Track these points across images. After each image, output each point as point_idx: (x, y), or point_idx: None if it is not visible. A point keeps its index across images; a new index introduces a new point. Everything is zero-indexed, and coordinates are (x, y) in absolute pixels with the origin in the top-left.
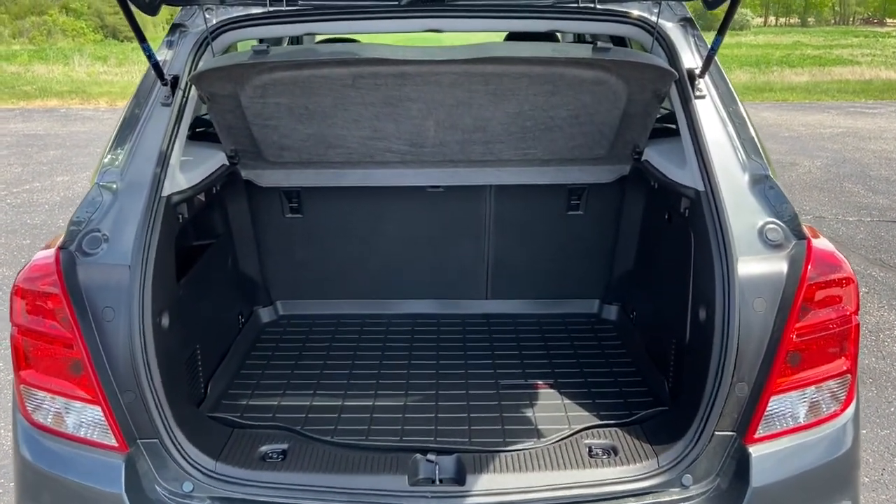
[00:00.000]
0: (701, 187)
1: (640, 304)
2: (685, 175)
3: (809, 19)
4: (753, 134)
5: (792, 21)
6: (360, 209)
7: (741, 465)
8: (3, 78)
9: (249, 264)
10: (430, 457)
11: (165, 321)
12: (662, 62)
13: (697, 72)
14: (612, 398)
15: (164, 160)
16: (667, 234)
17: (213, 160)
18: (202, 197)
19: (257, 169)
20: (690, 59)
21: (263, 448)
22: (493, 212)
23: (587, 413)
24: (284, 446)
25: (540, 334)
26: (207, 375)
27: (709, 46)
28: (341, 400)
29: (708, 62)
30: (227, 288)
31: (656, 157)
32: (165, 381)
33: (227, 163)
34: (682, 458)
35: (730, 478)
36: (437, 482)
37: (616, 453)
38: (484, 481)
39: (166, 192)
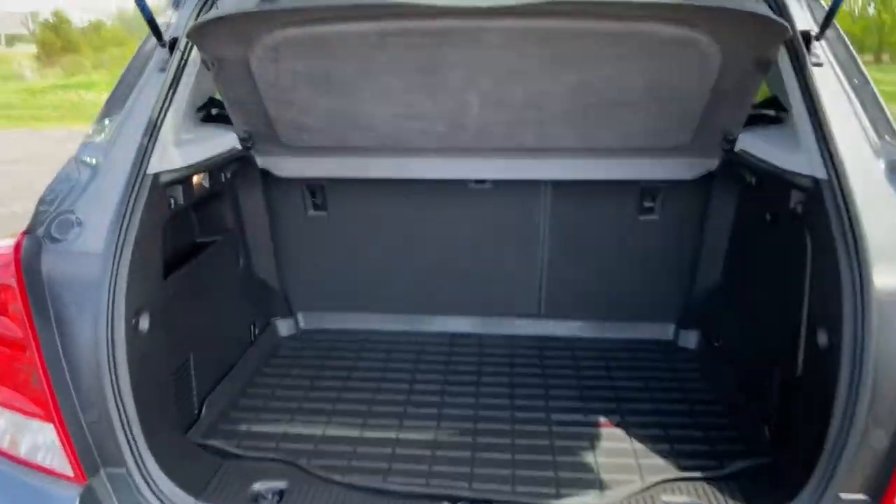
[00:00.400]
0: (822, 174)
1: (728, 329)
2: (799, 161)
3: (884, 56)
4: (885, 111)
5: (866, 59)
6: (393, 208)
7: None
8: (82, 104)
9: (265, 268)
10: None
11: (144, 324)
12: (770, 13)
13: (814, 33)
14: (695, 444)
15: (152, 131)
16: (769, 238)
17: (220, 140)
18: (206, 183)
19: (274, 156)
20: (803, 19)
21: (257, 486)
22: (548, 214)
23: (663, 462)
24: (283, 485)
25: (603, 362)
26: (203, 393)
27: (824, 5)
28: (359, 430)
29: (828, 21)
30: (235, 293)
31: (757, 142)
32: (140, 396)
33: (239, 146)
34: None
35: None
36: None
37: None
38: None
39: (153, 168)
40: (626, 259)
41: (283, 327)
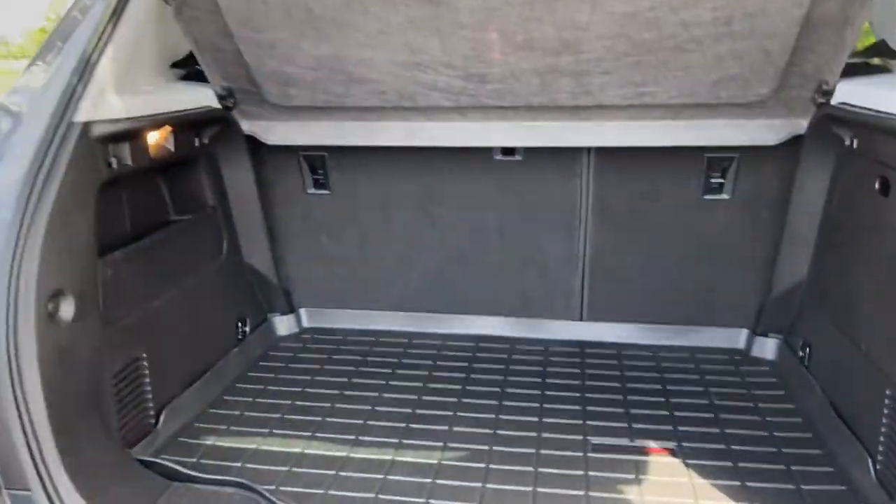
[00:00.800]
0: None
1: (819, 336)
2: None
3: None
4: None
5: None
6: (407, 186)
7: None
8: None
9: (259, 256)
10: None
11: (66, 311)
12: None
13: None
14: (775, 481)
15: (83, 71)
16: (878, 215)
17: (190, 95)
18: (169, 145)
19: (262, 119)
20: None
21: None
22: (591, 191)
23: None
24: None
25: (658, 374)
26: (162, 400)
27: None
28: (349, 450)
29: None
30: (216, 283)
31: (863, 90)
32: (57, 402)
33: (217, 104)
34: None
35: None
36: None
37: None
38: None
39: (84, 116)
40: (688, 249)
41: (282, 325)
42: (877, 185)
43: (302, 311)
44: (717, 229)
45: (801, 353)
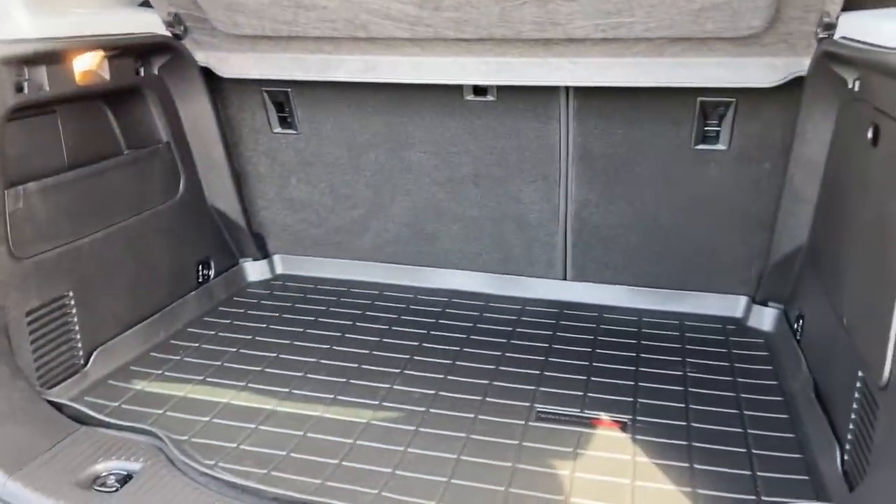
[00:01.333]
0: None
1: (813, 307)
2: None
3: None
4: None
5: None
6: (376, 127)
7: None
8: None
9: (224, 197)
10: None
11: None
12: None
13: None
14: (729, 466)
15: None
16: (868, 168)
17: (132, 18)
18: (104, 73)
19: (216, 50)
20: None
21: (101, 465)
22: (571, 137)
23: (672, 488)
24: (136, 466)
25: (635, 341)
26: (93, 341)
27: None
28: (275, 404)
29: None
30: (168, 223)
31: (867, 24)
32: None
33: (165, 32)
34: None
35: None
36: None
37: None
38: None
39: None
40: (681, 204)
41: (254, 271)
42: (869, 134)
43: (276, 257)
44: (712, 183)
45: (795, 326)
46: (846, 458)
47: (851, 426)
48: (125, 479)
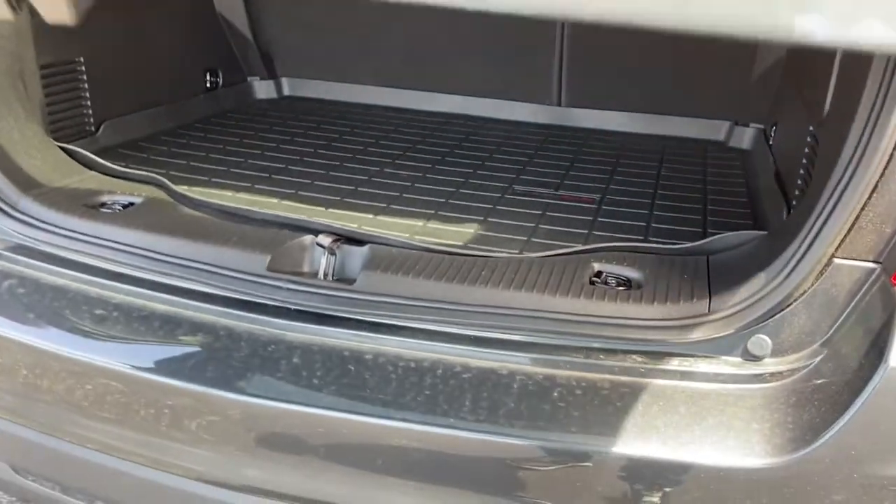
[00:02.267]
0: None
1: (785, 113)
2: None
3: None
4: None
5: None
6: None
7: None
8: None
9: (230, 5)
10: (323, 239)
11: None
12: None
13: None
14: (686, 225)
15: None
16: None
17: None
18: None
19: None
20: None
21: (107, 197)
22: None
23: (630, 235)
24: (137, 199)
25: (615, 152)
26: (103, 112)
27: None
28: (279, 199)
29: None
30: (175, 23)
31: None
32: None
33: None
34: (758, 301)
35: (854, 347)
36: (323, 276)
37: (640, 287)
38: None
39: None
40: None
41: (261, 89)
42: None
43: (284, 79)
44: None
45: (769, 142)
46: (791, 212)
47: (799, 181)
48: (129, 204)
